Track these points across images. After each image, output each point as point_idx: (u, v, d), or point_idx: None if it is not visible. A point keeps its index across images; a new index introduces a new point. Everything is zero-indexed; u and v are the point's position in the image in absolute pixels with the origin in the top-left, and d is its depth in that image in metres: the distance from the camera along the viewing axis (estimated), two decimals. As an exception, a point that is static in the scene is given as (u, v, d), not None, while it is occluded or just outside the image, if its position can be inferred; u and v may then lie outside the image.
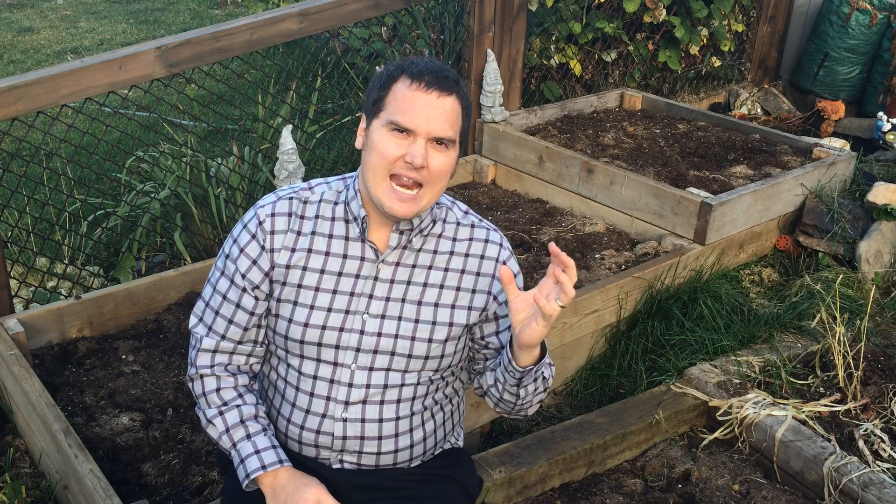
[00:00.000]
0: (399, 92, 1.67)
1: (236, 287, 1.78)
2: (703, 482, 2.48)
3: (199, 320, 1.83)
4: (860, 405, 2.66)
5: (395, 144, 1.67)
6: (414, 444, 1.85)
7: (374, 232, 1.79)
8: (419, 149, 1.65)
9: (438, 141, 1.68)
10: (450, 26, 4.77)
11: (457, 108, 1.70)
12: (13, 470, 2.57)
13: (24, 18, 8.78)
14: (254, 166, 4.01)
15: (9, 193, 3.24)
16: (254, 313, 1.80)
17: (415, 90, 1.66)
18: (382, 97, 1.70)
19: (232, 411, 1.79)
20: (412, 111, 1.65)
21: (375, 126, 1.70)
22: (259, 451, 1.75)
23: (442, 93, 1.67)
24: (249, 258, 1.78)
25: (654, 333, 3.17)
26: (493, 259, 1.83)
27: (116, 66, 3.03)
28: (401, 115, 1.66)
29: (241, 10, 8.97)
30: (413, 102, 1.66)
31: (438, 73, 1.68)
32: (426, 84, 1.66)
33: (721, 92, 5.51)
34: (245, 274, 1.78)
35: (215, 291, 1.81)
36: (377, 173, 1.69)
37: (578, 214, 3.85)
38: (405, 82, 1.67)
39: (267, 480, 1.74)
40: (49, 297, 3.30)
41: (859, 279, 3.51)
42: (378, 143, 1.68)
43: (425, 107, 1.66)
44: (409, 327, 1.78)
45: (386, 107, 1.69)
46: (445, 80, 1.68)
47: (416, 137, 1.66)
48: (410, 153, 1.65)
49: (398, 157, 1.66)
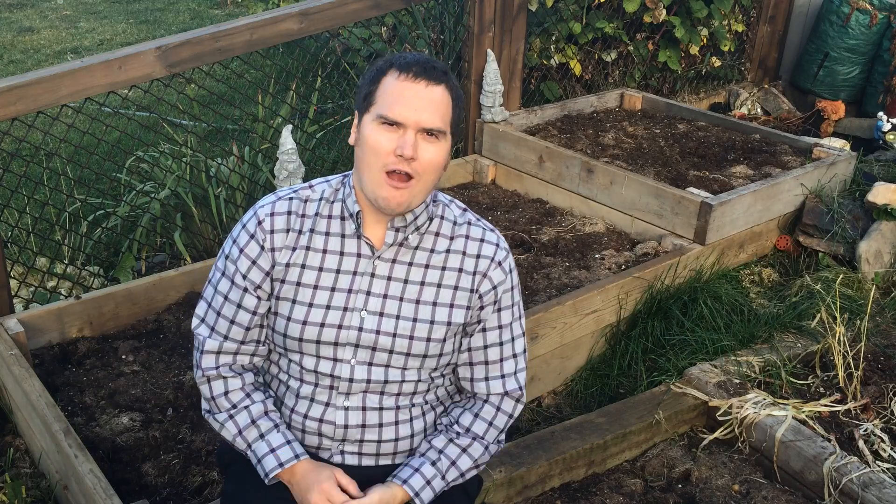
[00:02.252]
0: (388, 85, 1.68)
1: (237, 287, 1.79)
2: (703, 482, 2.48)
3: (200, 321, 1.83)
4: (860, 405, 2.66)
5: (385, 138, 1.68)
6: (414, 434, 1.85)
7: (370, 228, 1.79)
8: (409, 139, 1.66)
9: (429, 132, 1.68)
10: (450, 26, 4.77)
11: (446, 99, 1.70)
12: (13, 470, 2.57)
13: (24, 18, 8.78)
14: (254, 166, 4.01)
15: (9, 193, 3.24)
16: (256, 313, 1.80)
17: (402, 81, 1.67)
18: (372, 91, 1.71)
19: (241, 413, 1.80)
20: (401, 103, 1.66)
21: (366, 121, 1.71)
22: (274, 449, 1.77)
23: (430, 82, 1.67)
24: (249, 258, 1.78)
25: (654, 333, 3.17)
26: (489, 259, 1.83)
27: (116, 66, 3.03)
28: (390, 108, 1.67)
29: (241, 10, 8.97)
30: (401, 94, 1.67)
31: (426, 63, 1.69)
32: (414, 74, 1.67)
33: (721, 92, 5.51)
34: (246, 274, 1.78)
35: (216, 292, 1.82)
36: (371, 168, 1.70)
37: (578, 214, 3.85)
38: (393, 75, 1.68)
39: (286, 476, 1.77)
40: (49, 297, 3.30)
41: (859, 279, 3.51)
42: (369, 137, 1.69)
43: (414, 97, 1.67)
44: (407, 326, 1.78)
45: (376, 101, 1.70)
46: (433, 70, 1.69)
47: (405, 129, 1.67)
48: (400, 145, 1.66)
49: (390, 151, 1.67)
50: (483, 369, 1.86)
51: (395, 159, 1.67)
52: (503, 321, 1.85)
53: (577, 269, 3.34)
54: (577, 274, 3.30)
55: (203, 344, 1.82)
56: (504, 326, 1.85)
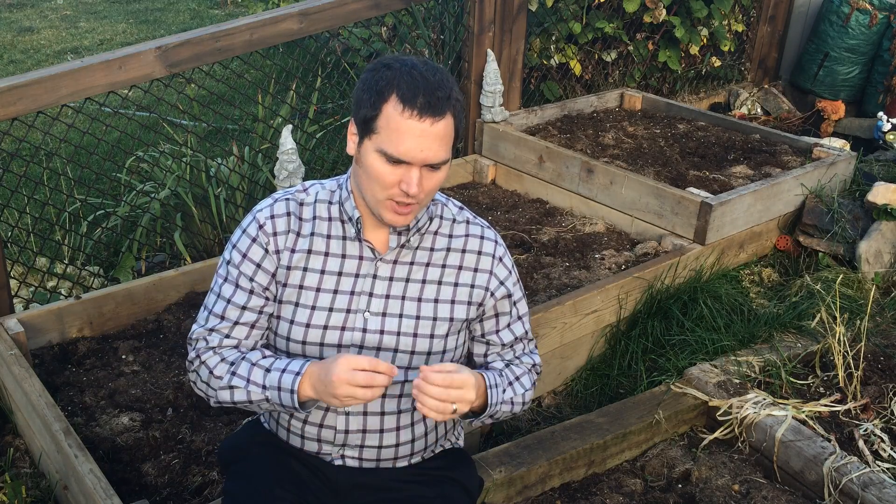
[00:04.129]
0: (391, 118, 1.62)
1: (242, 290, 1.77)
2: (703, 482, 2.48)
3: (200, 327, 1.81)
4: (860, 405, 2.66)
5: (389, 171, 1.65)
6: (415, 439, 1.85)
7: (371, 232, 1.79)
8: (414, 177, 1.64)
9: (433, 166, 1.67)
10: (450, 26, 4.77)
11: (450, 126, 1.66)
12: (13, 470, 2.58)
13: (24, 18, 8.78)
14: (254, 166, 4.01)
15: (9, 193, 3.24)
16: (262, 312, 1.79)
17: (407, 119, 1.60)
18: (373, 118, 1.64)
19: (240, 364, 1.75)
20: (405, 143, 1.62)
21: (368, 147, 1.67)
22: (284, 369, 1.71)
23: (435, 119, 1.62)
24: (253, 262, 1.77)
25: (654, 333, 3.17)
26: (490, 255, 1.85)
27: (116, 66, 3.03)
28: (394, 147, 1.62)
29: (241, 10, 8.97)
30: (406, 133, 1.61)
31: (431, 94, 1.61)
32: (419, 111, 1.60)
33: (721, 92, 5.51)
34: (252, 277, 1.77)
35: (219, 298, 1.80)
36: (374, 194, 1.69)
37: (578, 214, 3.85)
38: (396, 108, 1.61)
39: (306, 384, 1.69)
40: (49, 297, 3.30)
41: (859, 279, 3.51)
42: (372, 168, 1.66)
43: (419, 137, 1.62)
44: (410, 324, 1.79)
45: (378, 130, 1.64)
46: (438, 101, 1.61)
47: (410, 167, 1.64)
48: (405, 181, 1.64)
49: (394, 184, 1.65)
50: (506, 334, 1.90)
51: (398, 192, 1.66)
52: (521, 311, 1.92)
53: (577, 269, 3.34)
54: (577, 274, 3.30)
55: (200, 342, 1.80)
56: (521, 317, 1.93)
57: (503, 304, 1.87)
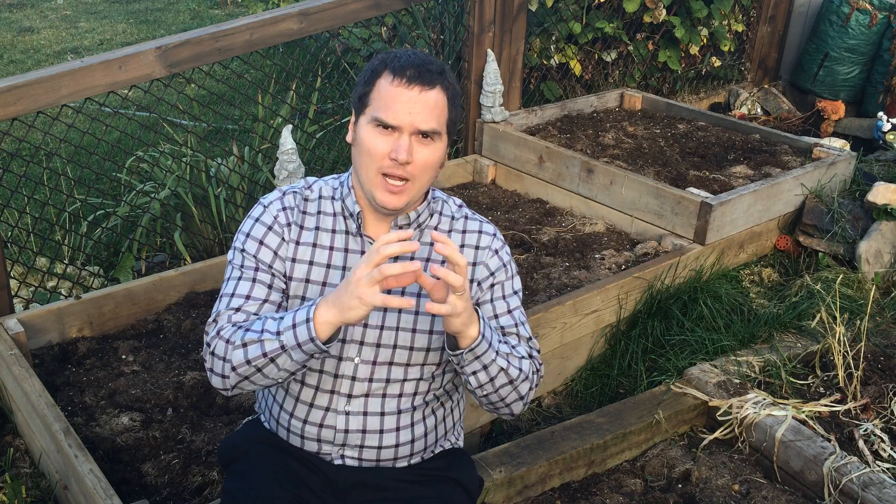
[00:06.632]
0: (382, 88, 1.70)
1: (249, 268, 1.77)
2: (703, 482, 2.48)
3: (216, 315, 1.77)
4: (860, 405, 2.66)
5: (381, 141, 1.70)
6: (415, 440, 1.86)
7: (372, 227, 1.82)
8: (404, 144, 1.68)
9: (423, 134, 1.70)
10: (450, 26, 4.77)
11: (441, 100, 1.71)
12: (13, 470, 2.57)
13: (24, 18, 8.78)
14: (254, 166, 4.01)
15: (9, 193, 3.24)
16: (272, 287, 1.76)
17: (397, 86, 1.68)
18: (367, 93, 1.72)
19: (254, 322, 1.71)
20: (395, 108, 1.68)
21: (362, 122, 1.73)
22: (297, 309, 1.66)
23: (424, 87, 1.68)
24: (270, 249, 1.79)
25: (654, 333, 3.17)
26: (487, 248, 1.87)
27: (116, 66, 3.03)
28: (384, 112, 1.68)
29: (241, 10, 8.97)
30: (396, 99, 1.68)
31: (421, 66, 1.69)
32: (408, 79, 1.68)
33: (721, 92, 5.51)
34: (272, 264, 1.79)
35: (229, 279, 1.80)
36: (367, 169, 1.72)
37: (578, 214, 3.85)
38: (388, 78, 1.69)
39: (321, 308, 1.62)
40: (49, 297, 3.30)
41: (859, 279, 3.51)
42: (365, 139, 1.72)
43: (408, 102, 1.68)
44: (410, 319, 1.80)
45: (370, 103, 1.71)
46: (428, 73, 1.69)
47: (400, 132, 1.69)
48: (395, 149, 1.68)
49: (385, 154, 1.69)
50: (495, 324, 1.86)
51: (390, 162, 1.69)
52: (512, 306, 1.88)
53: (577, 269, 3.34)
54: (577, 274, 3.30)
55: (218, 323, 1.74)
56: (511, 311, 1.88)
57: (496, 290, 1.86)
